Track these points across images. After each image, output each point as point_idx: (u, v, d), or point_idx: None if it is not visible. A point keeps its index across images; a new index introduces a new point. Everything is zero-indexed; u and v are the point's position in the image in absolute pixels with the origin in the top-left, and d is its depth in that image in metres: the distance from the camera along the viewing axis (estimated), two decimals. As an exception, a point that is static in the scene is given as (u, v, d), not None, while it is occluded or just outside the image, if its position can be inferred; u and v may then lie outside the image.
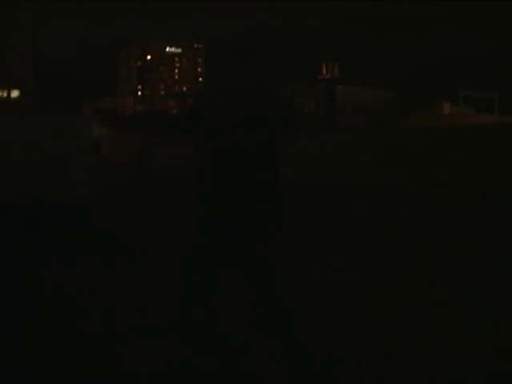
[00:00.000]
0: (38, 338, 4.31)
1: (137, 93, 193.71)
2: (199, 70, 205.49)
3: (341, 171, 24.64)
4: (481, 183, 18.65)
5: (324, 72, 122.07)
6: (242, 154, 3.25)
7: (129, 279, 6.25)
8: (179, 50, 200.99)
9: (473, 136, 21.75)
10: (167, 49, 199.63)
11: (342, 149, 25.99)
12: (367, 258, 7.43)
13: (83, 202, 8.48)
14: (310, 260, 7.23)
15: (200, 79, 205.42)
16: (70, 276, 6.38)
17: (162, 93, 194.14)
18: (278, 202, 3.34)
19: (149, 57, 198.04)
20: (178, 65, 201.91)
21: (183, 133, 3.58)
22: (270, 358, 3.36)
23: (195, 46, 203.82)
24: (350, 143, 26.49)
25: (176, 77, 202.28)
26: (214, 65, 3.47)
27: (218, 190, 3.24)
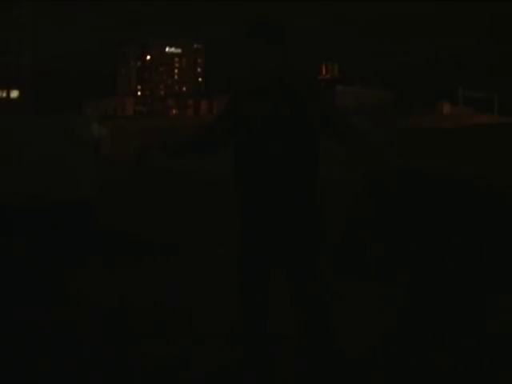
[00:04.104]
0: (40, 339, 4.32)
1: (136, 93, 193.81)
2: (199, 70, 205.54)
3: (340, 172, 24.60)
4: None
5: (324, 72, 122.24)
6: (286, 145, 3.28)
7: (130, 279, 6.26)
8: (179, 50, 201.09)
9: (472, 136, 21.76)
10: (167, 49, 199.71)
11: (341, 149, 25.93)
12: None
13: (84, 201, 8.48)
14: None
15: (200, 79, 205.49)
16: (71, 276, 6.39)
17: (162, 93, 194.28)
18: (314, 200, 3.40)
19: (148, 57, 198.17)
20: (177, 65, 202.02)
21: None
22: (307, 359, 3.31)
23: (195, 46, 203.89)
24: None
25: (176, 77, 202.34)
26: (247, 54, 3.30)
27: (264, 188, 3.24)
